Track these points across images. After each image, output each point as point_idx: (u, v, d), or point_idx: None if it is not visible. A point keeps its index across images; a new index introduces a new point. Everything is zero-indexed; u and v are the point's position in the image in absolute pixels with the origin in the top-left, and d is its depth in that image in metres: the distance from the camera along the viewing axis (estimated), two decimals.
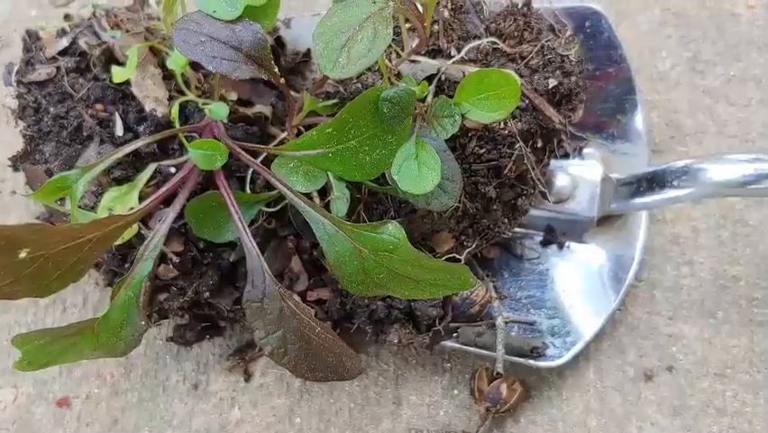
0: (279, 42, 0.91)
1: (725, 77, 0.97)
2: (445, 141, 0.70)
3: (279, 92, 0.87)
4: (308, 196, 0.75)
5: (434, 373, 0.87)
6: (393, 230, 0.63)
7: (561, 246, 0.88)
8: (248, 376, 0.88)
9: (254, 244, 0.69)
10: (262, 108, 0.84)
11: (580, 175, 0.87)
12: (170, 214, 0.69)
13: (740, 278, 0.88)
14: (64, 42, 0.85)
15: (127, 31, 0.82)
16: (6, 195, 1.01)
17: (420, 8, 0.69)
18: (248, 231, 0.69)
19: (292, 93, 0.79)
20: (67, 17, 0.93)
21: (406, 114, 0.65)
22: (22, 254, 0.58)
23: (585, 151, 0.90)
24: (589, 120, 0.90)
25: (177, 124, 0.75)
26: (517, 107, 0.75)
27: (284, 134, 0.82)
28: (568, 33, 0.83)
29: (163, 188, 0.69)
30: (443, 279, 0.64)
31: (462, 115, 0.69)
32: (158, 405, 0.88)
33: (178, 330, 0.87)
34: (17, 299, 0.62)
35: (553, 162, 0.87)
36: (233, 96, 0.83)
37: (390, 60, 0.78)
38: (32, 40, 0.87)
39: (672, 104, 0.97)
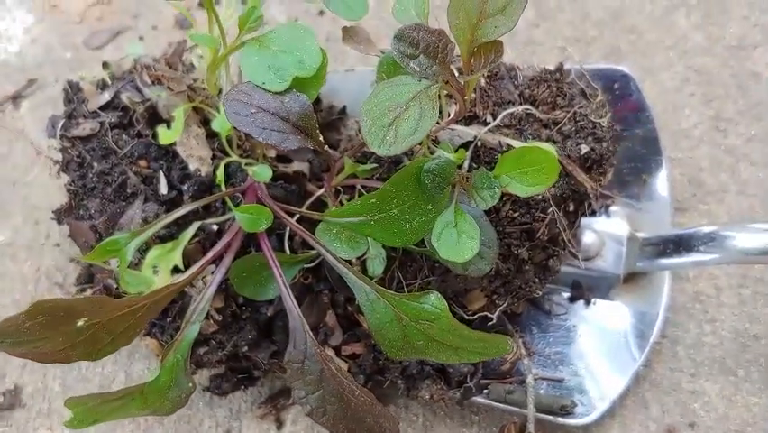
0: (315, 99, 0.93)
1: (746, 136, 1.00)
2: None
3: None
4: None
5: (461, 425, 0.88)
6: (435, 301, 0.65)
7: (587, 303, 0.90)
8: (279, 424, 0.90)
9: (296, 306, 0.71)
10: (300, 166, 0.86)
11: (607, 233, 0.90)
12: (217, 276, 0.71)
13: (760, 337, 0.90)
14: (106, 96, 0.87)
15: (170, 88, 0.84)
16: (41, 237, 1.03)
17: (461, 81, 0.71)
18: (291, 293, 0.71)
19: (329, 150, 0.81)
20: (105, 65, 0.94)
21: (447, 183, 0.67)
22: (80, 323, 0.61)
23: (611, 209, 0.93)
24: (615, 179, 0.92)
25: (222, 186, 0.77)
26: None
27: (321, 191, 0.85)
28: (599, 99, 0.85)
29: (210, 253, 0.71)
30: (481, 347, 0.66)
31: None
32: None
33: (215, 381, 0.89)
34: (70, 362, 0.65)
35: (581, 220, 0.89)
36: (272, 154, 0.85)
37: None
38: (73, 91, 0.89)
39: (695, 161, 0.99)
